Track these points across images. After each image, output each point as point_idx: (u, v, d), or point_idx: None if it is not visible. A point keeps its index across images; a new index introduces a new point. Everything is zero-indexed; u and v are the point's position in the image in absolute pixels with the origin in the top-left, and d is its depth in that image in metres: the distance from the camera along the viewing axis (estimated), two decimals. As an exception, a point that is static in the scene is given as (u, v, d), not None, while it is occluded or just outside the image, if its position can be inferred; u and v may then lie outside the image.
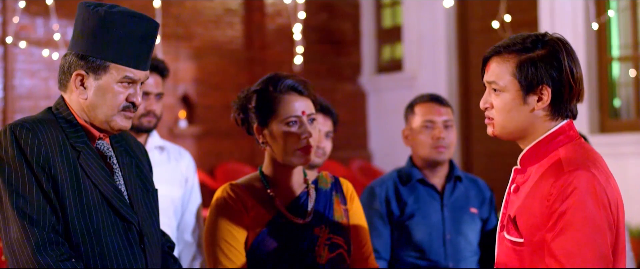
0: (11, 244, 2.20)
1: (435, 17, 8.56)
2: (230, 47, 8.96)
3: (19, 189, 2.21)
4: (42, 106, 8.78)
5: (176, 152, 3.73)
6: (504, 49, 2.16)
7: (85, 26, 2.30)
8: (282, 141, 2.61)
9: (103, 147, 2.37)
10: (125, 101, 2.32)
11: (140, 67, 2.33)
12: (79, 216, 2.24)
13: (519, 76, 2.11)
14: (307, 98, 2.67)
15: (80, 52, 2.30)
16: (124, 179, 2.39)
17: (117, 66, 2.29)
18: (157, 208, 2.52)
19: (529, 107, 2.13)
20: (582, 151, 2.12)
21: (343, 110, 8.64)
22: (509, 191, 2.22)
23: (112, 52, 2.28)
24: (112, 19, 2.28)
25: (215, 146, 8.73)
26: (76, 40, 2.33)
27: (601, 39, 7.13)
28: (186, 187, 3.68)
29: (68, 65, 2.33)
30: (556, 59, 2.11)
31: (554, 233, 2.01)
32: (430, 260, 3.31)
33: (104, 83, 2.30)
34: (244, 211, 2.64)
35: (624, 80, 7.25)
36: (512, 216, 2.14)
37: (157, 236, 2.48)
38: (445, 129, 3.35)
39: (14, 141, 2.22)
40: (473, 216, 3.41)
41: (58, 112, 2.34)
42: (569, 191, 2.01)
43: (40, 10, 7.44)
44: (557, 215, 2.01)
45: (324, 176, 2.81)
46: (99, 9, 2.29)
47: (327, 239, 2.66)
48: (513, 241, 2.12)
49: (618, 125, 7.11)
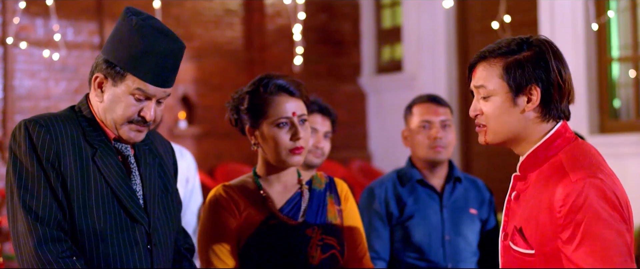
0: (17, 238, 2.26)
1: (435, 18, 8.56)
2: (230, 47, 8.97)
3: (28, 185, 2.25)
4: (42, 107, 8.74)
5: (177, 152, 3.73)
6: (489, 54, 2.15)
7: (118, 31, 2.33)
8: (273, 142, 2.62)
9: (121, 146, 2.39)
10: (137, 115, 2.33)
11: (159, 83, 2.32)
12: (84, 214, 2.27)
13: (506, 77, 2.10)
14: (298, 99, 2.66)
15: (106, 56, 2.32)
16: (142, 179, 2.40)
17: (134, 78, 2.29)
18: (176, 208, 2.53)
19: (520, 109, 2.11)
20: (582, 153, 2.10)
21: (343, 110, 8.64)
22: (510, 198, 2.19)
23: (132, 63, 2.28)
24: (142, 30, 2.28)
25: (215, 147, 8.74)
26: (108, 43, 2.35)
27: (601, 40, 7.14)
28: (187, 187, 3.68)
29: (95, 65, 2.36)
30: (543, 59, 2.10)
31: (574, 245, 1.98)
32: (429, 261, 3.30)
33: (119, 91, 2.31)
34: (236, 212, 2.64)
35: (623, 81, 7.25)
36: (518, 227, 2.11)
37: (172, 236, 2.48)
38: (443, 129, 3.35)
39: (27, 136, 2.26)
40: (472, 217, 3.41)
41: (80, 110, 2.38)
42: (581, 201, 1.98)
43: (40, 10, 7.44)
44: (573, 226, 1.98)
45: (318, 177, 2.80)
46: (133, 18, 2.29)
47: (319, 240, 2.65)
48: (522, 253, 2.10)
49: (618, 126, 7.11)
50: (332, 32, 9.48)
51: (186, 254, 2.60)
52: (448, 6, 5.47)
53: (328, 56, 9.39)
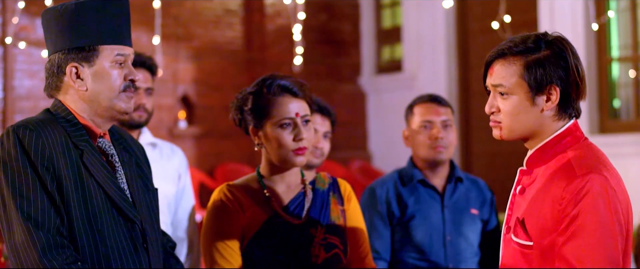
0: (15, 248, 2.16)
1: (434, 18, 8.56)
2: (229, 47, 8.96)
3: (23, 191, 2.17)
4: (42, 107, 8.79)
5: (168, 149, 3.73)
6: (508, 51, 2.13)
7: (61, 24, 2.31)
8: (276, 143, 2.63)
9: (104, 145, 2.36)
10: (124, 81, 2.33)
11: (125, 43, 2.35)
12: (83, 217, 2.22)
13: (527, 77, 2.09)
14: (302, 100, 2.67)
15: (66, 48, 2.31)
16: (126, 177, 2.38)
17: (107, 47, 2.30)
18: (158, 207, 2.51)
19: (538, 108, 2.11)
20: (591, 152, 2.11)
21: (343, 110, 8.63)
22: (515, 192, 2.20)
23: (97, 36, 2.29)
24: (84, 6, 2.29)
25: (215, 147, 8.73)
26: (56, 41, 2.33)
27: (601, 40, 7.13)
28: (179, 185, 3.68)
29: (57, 65, 2.33)
30: (563, 58, 2.10)
31: (565, 237, 2.00)
32: (430, 261, 3.30)
33: (98, 68, 2.30)
34: (240, 211, 2.64)
35: (623, 81, 7.25)
36: (520, 219, 2.11)
37: (158, 235, 2.47)
38: (444, 129, 3.35)
39: (18, 142, 2.19)
40: (474, 217, 3.41)
41: (57, 112, 2.33)
42: (582, 195, 1.99)
43: (40, 10, 7.41)
44: (569, 219, 2.00)
45: (321, 177, 2.81)
46: (66, 4, 2.31)
47: (322, 239, 2.66)
48: (521, 244, 2.11)
49: (618, 126, 7.11)
50: (332, 32, 9.48)
51: (172, 252, 2.59)
52: (448, 6, 5.46)
53: (328, 56, 9.39)
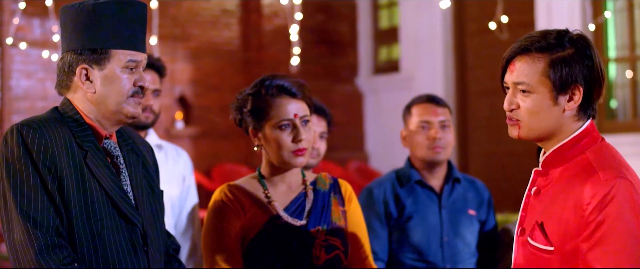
0: (14, 246, 2.17)
1: (432, 18, 8.56)
2: (227, 48, 8.96)
3: (23, 190, 2.17)
4: (39, 107, 8.71)
5: (174, 151, 3.73)
6: (531, 47, 2.06)
7: (77, 23, 2.30)
8: (275, 144, 2.62)
9: (110, 146, 2.35)
10: (133, 87, 2.32)
11: (139, 49, 2.34)
12: (83, 217, 2.22)
13: (552, 75, 2.03)
14: (301, 100, 2.66)
15: (79, 48, 2.29)
16: (130, 179, 2.37)
17: (119, 51, 2.29)
18: (162, 209, 2.50)
19: (560, 108, 2.05)
20: (610, 154, 2.07)
21: (340, 111, 8.64)
22: (529, 193, 2.14)
23: (111, 39, 2.28)
24: (102, 8, 2.28)
25: (212, 147, 8.73)
26: (70, 39, 2.32)
27: (598, 40, 7.14)
28: (183, 187, 3.68)
29: (68, 64, 2.32)
30: (588, 57, 2.04)
31: (590, 243, 1.95)
32: (428, 262, 3.30)
33: (109, 72, 2.29)
34: (241, 212, 2.64)
35: (620, 81, 7.26)
36: (539, 222, 2.06)
37: (161, 237, 2.46)
38: (442, 129, 3.35)
39: (21, 141, 2.18)
40: (471, 218, 3.41)
41: (64, 111, 2.32)
42: (608, 201, 1.94)
43: (38, 11, 7.43)
44: (594, 225, 1.94)
45: (322, 178, 2.80)
46: (85, 3, 2.30)
47: (323, 241, 2.65)
48: (540, 248, 2.05)
49: (615, 126, 7.12)
50: (329, 33, 9.48)
51: (174, 255, 2.57)
52: (445, 7, 5.47)
53: (325, 57, 9.39)
